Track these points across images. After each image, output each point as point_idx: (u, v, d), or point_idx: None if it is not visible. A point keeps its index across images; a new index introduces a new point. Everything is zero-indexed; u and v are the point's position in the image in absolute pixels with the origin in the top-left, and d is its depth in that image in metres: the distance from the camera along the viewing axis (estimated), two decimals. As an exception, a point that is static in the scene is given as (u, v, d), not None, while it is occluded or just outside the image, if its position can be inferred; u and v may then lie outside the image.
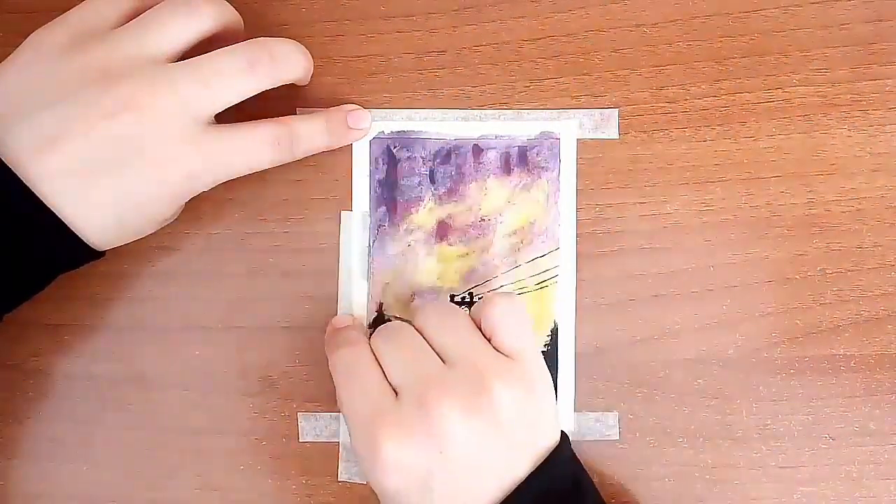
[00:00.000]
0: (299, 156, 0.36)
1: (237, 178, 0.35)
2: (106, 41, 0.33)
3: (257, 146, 0.34)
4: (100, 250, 0.34)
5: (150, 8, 0.34)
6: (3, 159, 0.31)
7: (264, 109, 0.35)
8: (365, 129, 0.38)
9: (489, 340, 0.34)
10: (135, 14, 0.34)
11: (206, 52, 0.33)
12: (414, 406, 0.31)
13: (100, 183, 0.32)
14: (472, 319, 0.34)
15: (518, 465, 0.32)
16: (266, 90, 0.34)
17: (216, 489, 0.39)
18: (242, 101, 0.34)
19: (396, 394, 0.32)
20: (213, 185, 0.34)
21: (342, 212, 0.38)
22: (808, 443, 0.39)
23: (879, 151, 0.39)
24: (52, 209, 0.31)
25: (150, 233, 0.35)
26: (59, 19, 0.33)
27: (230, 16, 0.34)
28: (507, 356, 0.33)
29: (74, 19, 0.33)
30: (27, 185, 0.31)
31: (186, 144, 0.33)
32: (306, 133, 0.36)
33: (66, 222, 0.32)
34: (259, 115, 0.35)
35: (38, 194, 0.31)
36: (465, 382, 0.32)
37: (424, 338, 0.34)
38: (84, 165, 0.32)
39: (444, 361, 0.33)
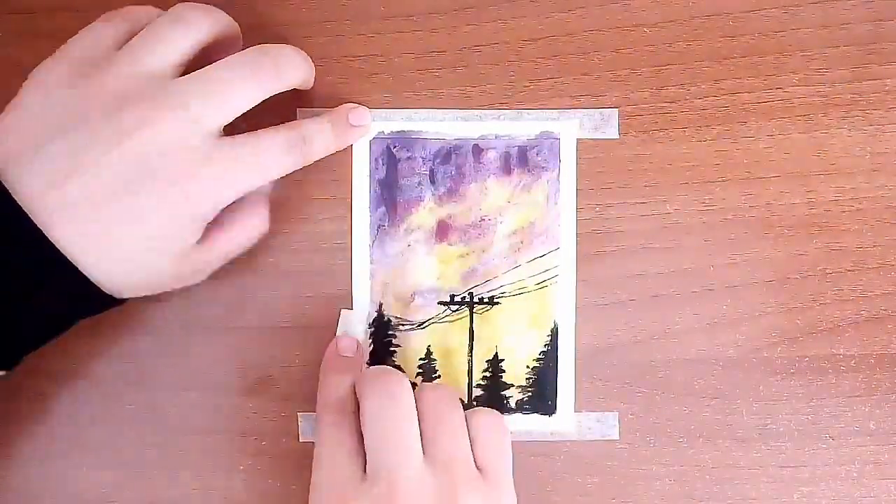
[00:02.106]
0: (312, 159, 0.36)
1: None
2: (107, 65, 0.32)
3: (272, 153, 0.34)
4: (119, 297, 0.33)
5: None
6: (17, 200, 0.30)
7: (265, 111, 0.35)
8: (366, 125, 0.38)
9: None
10: (131, 36, 0.33)
11: (207, 64, 0.33)
12: (383, 497, 0.32)
13: (116, 211, 0.31)
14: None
15: None
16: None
17: (216, 489, 0.39)
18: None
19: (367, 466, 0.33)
20: (233, 200, 0.34)
21: (342, 310, 0.38)
22: (808, 443, 0.39)
23: (879, 151, 0.39)
24: (67, 256, 0.31)
25: (170, 277, 0.34)
26: (58, 52, 0.33)
27: (226, 23, 0.34)
28: (481, 470, 0.33)
29: (73, 50, 0.33)
30: (42, 230, 0.30)
31: (201, 159, 0.32)
32: (316, 135, 0.36)
33: (82, 269, 0.31)
34: (260, 118, 0.35)
35: (52, 239, 0.30)
36: (436, 488, 0.32)
37: (418, 411, 0.33)
38: (100, 195, 0.31)
39: (423, 445, 0.33)
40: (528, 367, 0.39)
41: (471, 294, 0.39)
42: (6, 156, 0.31)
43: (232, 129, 0.34)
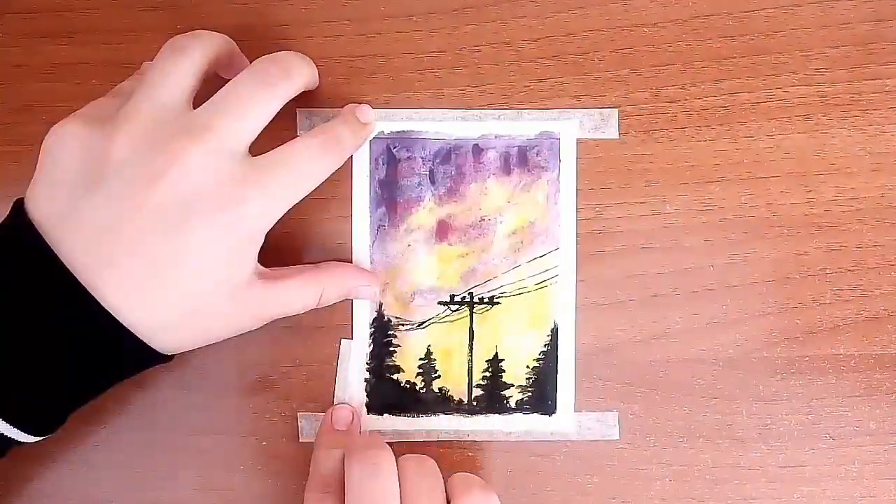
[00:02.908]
0: (344, 159, 0.35)
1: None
2: (123, 113, 0.32)
3: (311, 158, 0.34)
4: (170, 352, 0.33)
5: None
6: (62, 261, 0.30)
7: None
8: (372, 122, 0.38)
9: None
10: None
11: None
12: None
13: (166, 252, 0.31)
14: (448, 489, 0.34)
15: None
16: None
17: (216, 489, 0.39)
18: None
19: None
20: (275, 222, 0.33)
21: (342, 339, 0.38)
22: (808, 443, 0.39)
23: (879, 151, 0.39)
24: (116, 315, 0.30)
25: (225, 319, 0.33)
26: (69, 116, 0.32)
27: (220, 42, 0.34)
28: None
29: (85, 110, 0.33)
30: (90, 289, 0.30)
31: (240, 181, 0.32)
32: (344, 134, 0.36)
33: (130, 327, 0.31)
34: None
35: (100, 298, 0.30)
36: None
37: (400, 484, 0.33)
38: (147, 240, 0.31)
39: None
40: (528, 367, 0.39)
41: (471, 294, 0.39)
42: (44, 219, 0.31)
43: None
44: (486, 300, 0.39)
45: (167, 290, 0.31)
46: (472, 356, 0.39)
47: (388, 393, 0.39)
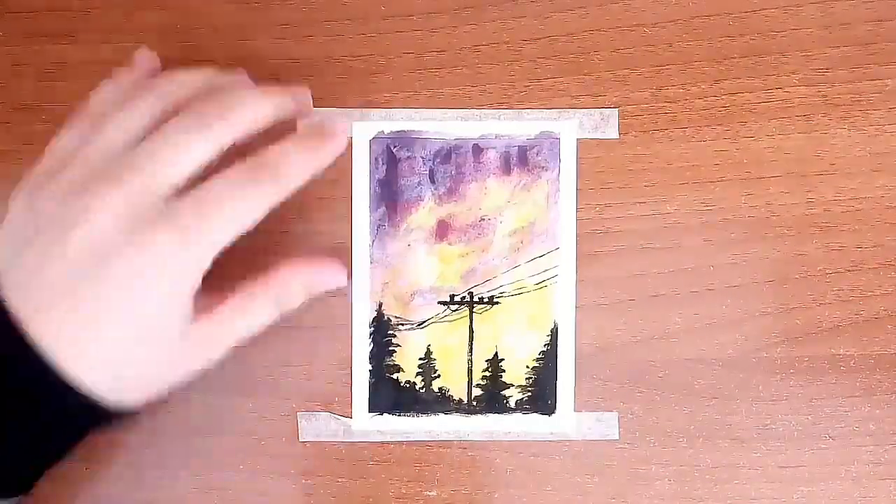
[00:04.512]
0: (291, 185, 0.32)
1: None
2: (69, 157, 0.32)
3: (232, 196, 0.31)
4: (121, 406, 0.32)
5: None
6: (12, 314, 0.30)
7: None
8: (343, 136, 0.34)
9: None
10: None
11: None
12: None
13: (94, 300, 0.30)
14: None
15: None
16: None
17: (216, 489, 0.39)
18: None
19: None
20: (211, 260, 0.31)
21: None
22: (808, 443, 0.39)
23: (879, 151, 0.39)
24: (56, 366, 0.30)
25: (170, 366, 0.33)
26: (25, 178, 0.32)
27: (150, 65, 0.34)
28: None
29: (46, 157, 0.33)
30: (33, 340, 0.30)
31: (150, 227, 0.30)
32: (281, 160, 0.33)
33: (73, 377, 0.30)
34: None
35: (38, 346, 0.30)
36: None
37: None
38: (74, 286, 0.30)
39: None
40: (527, 366, 0.39)
41: (471, 294, 0.39)
42: (2, 274, 0.31)
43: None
44: (485, 300, 0.39)
45: (99, 340, 0.30)
46: (471, 356, 0.39)
47: (387, 393, 0.39)
